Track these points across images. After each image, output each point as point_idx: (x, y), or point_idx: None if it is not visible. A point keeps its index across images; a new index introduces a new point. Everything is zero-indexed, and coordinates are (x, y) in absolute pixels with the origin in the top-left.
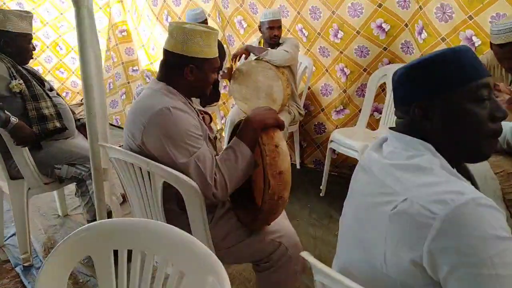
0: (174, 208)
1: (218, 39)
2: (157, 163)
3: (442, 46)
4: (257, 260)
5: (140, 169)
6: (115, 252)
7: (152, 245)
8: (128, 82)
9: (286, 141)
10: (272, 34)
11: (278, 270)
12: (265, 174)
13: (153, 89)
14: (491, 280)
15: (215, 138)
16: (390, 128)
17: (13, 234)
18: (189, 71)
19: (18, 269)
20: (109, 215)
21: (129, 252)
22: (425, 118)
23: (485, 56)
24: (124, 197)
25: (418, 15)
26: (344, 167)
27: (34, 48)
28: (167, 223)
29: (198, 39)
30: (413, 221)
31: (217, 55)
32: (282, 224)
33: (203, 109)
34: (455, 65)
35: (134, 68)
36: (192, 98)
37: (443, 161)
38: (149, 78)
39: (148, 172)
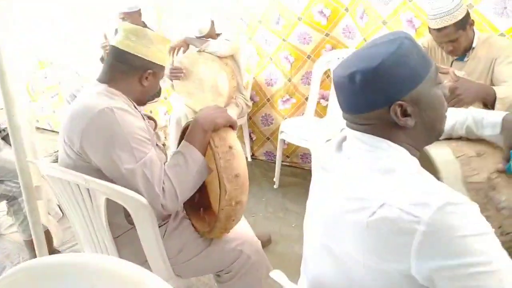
0: (121, 222)
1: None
2: (96, 180)
3: (384, 30)
4: (218, 271)
5: (78, 186)
6: None
7: (101, 284)
8: (59, 83)
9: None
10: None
11: (241, 279)
12: (220, 178)
13: (92, 90)
14: (483, 277)
15: (164, 145)
16: (349, 126)
17: None
18: (147, 77)
19: None
20: (46, 234)
21: None
22: (404, 115)
23: (426, 38)
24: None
25: None
26: (296, 156)
27: None
28: (115, 239)
29: (160, 46)
30: (395, 227)
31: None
32: (241, 230)
33: (147, 114)
34: (419, 54)
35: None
36: None
37: (412, 160)
38: (79, 75)
39: (88, 189)
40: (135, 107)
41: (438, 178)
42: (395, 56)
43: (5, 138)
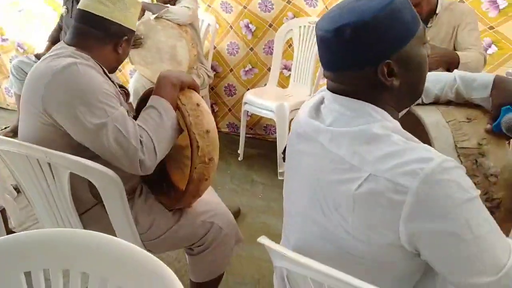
0: (86, 197)
1: None
2: (58, 153)
3: None
4: (190, 245)
5: (38, 161)
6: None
7: (75, 260)
8: None
9: None
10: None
11: (214, 250)
12: (190, 136)
13: (57, 52)
14: (472, 243)
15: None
16: (329, 87)
17: None
18: (121, 44)
19: None
20: (2, 214)
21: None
22: (390, 75)
23: None
24: (17, 189)
25: None
26: (259, 128)
27: None
28: (80, 216)
29: (133, 10)
30: (383, 199)
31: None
32: (211, 201)
33: (120, 84)
34: (411, 10)
35: (4, 37)
36: None
37: (396, 124)
38: (22, 48)
39: (49, 164)
40: (105, 73)
41: (427, 142)
42: (389, 10)
43: None
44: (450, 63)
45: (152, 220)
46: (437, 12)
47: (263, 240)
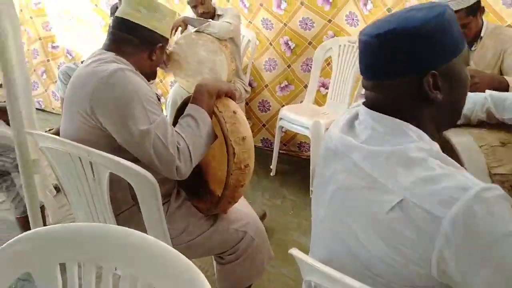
0: (124, 198)
1: None
2: (100, 152)
3: None
4: (221, 252)
5: (80, 160)
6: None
7: (110, 256)
8: (48, 60)
9: None
10: (197, 12)
11: (244, 261)
12: (227, 143)
13: (100, 57)
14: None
15: None
16: (364, 104)
17: None
18: (155, 51)
19: None
20: (41, 210)
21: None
22: (435, 88)
23: None
24: (57, 188)
25: None
26: (293, 145)
27: None
28: (116, 217)
29: (169, 19)
30: (415, 226)
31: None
32: (245, 210)
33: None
34: (457, 28)
35: (54, 45)
36: None
37: (434, 146)
38: (70, 55)
39: (91, 163)
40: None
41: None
42: (438, 20)
43: None
44: (498, 89)
45: (186, 224)
46: (482, 35)
47: (294, 251)
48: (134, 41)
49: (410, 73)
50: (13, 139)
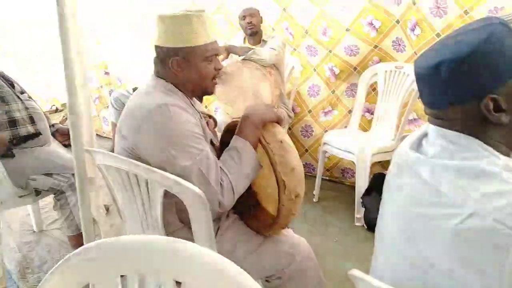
0: (173, 220)
1: None
2: (156, 169)
3: None
4: (269, 275)
5: (136, 177)
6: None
7: (173, 270)
8: (101, 86)
9: None
10: (245, 23)
11: (292, 286)
12: (276, 175)
13: (149, 85)
14: None
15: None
16: (432, 122)
17: None
18: (176, 65)
19: None
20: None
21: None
22: (497, 110)
23: None
24: (106, 208)
25: (411, 10)
26: (336, 171)
27: None
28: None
29: (176, 26)
30: (487, 240)
31: (208, 40)
32: (294, 234)
33: (207, 112)
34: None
35: (106, 71)
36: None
37: (508, 162)
38: (120, 81)
39: (146, 180)
40: (192, 104)
41: None
42: (487, 44)
43: (54, 134)
44: None
45: (234, 244)
46: None
47: (355, 272)
48: (159, 61)
49: (467, 101)
50: (73, 156)
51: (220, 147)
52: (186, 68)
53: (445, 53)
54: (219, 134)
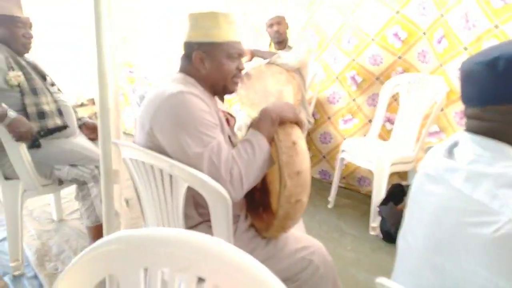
0: (192, 214)
1: None
2: (181, 165)
3: (464, 56)
4: (284, 280)
5: (161, 172)
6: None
7: (199, 267)
8: (125, 84)
9: None
10: (273, 31)
11: None
12: (281, 174)
13: (171, 78)
14: None
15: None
16: (468, 127)
17: (3, 239)
18: (199, 59)
19: (7, 278)
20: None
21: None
22: None
23: None
24: (126, 201)
25: (438, 22)
26: (353, 179)
27: (29, 36)
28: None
29: (202, 22)
30: None
31: (232, 39)
32: (311, 238)
33: (227, 111)
34: None
35: (131, 70)
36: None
37: None
38: (146, 79)
39: (170, 175)
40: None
41: None
42: None
43: (80, 127)
44: None
45: (252, 248)
46: None
47: (382, 280)
48: (184, 57)
49: None
50: (99, 148)
51: None
52: (208, 63)
53: (501, 50)
54: (238, 133)
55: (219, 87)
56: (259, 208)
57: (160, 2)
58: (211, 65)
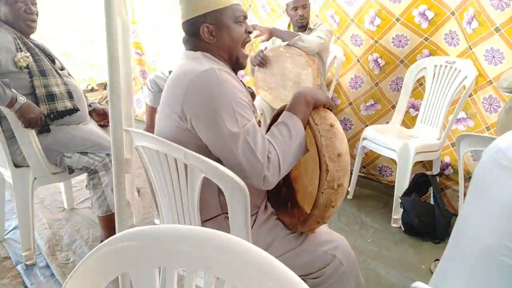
0: (213, 204)
1: None
2: (196, 154)
3: (495, 37)
4: (305, 275)
5: (175, 161)
6: None
7: (215, 264)
8: (133, 67)
9: None
10: (297, 14)
11: (330, 287)
12: (320, 158)
13: (189, 57)
14: None
15: (259, 122)
16: None
17: (15, 228)
18: (208, 32)
19: (19, 267)
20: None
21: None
22: None
23: None
24: (138, 190)
25: (468, 1)
26: (373, 168)
27: (31, 11)
28: (202, 224)
29: None
30: None
31: (234, 1)
32: (334, 232)
33: (247, 85)
34: None
35: (138, 51)
36: None
37: None
38: (154, 64)
39: (185, 165)
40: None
41: None
42: None
43: (91, 114)
44: None
45: (271, 239)
46: None
47: (419, 284)
48: (191, 36)
49: None
50: (110, 135)
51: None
52: (218, 33)
53: None
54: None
55: (234, 58)
56: (287, 204)
57: None
58: (221, 34)
